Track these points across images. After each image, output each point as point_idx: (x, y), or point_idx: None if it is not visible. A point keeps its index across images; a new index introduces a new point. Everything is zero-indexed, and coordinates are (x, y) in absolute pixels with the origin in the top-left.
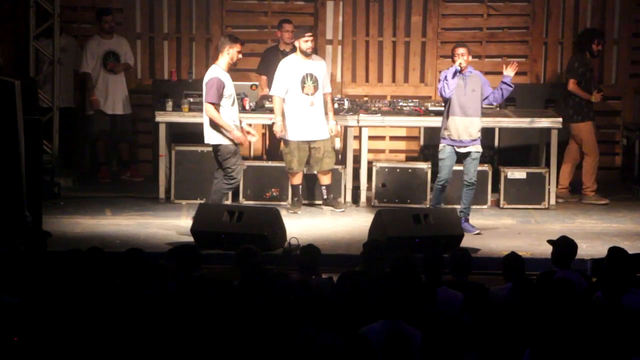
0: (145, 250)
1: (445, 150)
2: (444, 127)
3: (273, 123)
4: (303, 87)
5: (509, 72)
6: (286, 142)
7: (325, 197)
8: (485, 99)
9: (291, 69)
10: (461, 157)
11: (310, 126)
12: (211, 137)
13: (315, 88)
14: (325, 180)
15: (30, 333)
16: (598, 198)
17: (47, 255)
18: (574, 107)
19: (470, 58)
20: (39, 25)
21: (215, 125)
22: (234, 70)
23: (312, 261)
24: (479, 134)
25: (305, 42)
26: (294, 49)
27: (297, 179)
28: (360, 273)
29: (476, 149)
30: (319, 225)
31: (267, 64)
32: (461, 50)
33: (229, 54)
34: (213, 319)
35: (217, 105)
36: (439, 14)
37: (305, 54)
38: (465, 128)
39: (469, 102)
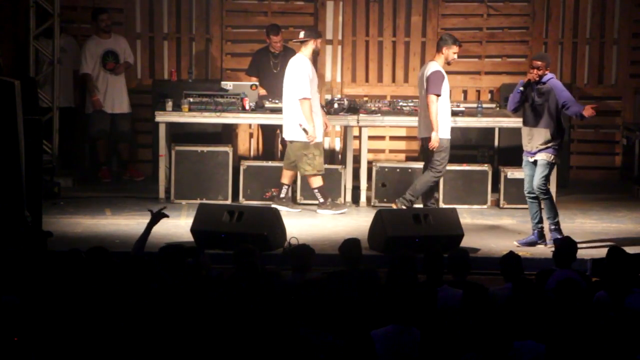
0: (145, 250)
1: (523, 160)
2: None
3: (304, 129)
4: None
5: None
6: (316, 144)
7: (282, 196)
8: (564, 107)
9: (311, 70)
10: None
11: (322, 127)
12: (428, 130)
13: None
14: (289, 179)
15: (31, 332)
16: None
17: (47, 255)
18: None
19: (545, 71)
20: (39, 25)
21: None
22: (232, 70)
23: (306, 261)
24: (546, 145)
25: (320, 44)
26: (285, 48)
27: (321, 180)
28: (346, 273)
29: (542, 156)
30: (319, 225)
31: (258, 66)
32: (537, 63)
33: (444, 53)
34: (211, 318)
35: (438, 98)
36: (439, 14)
37: (316, 55)
38: (530, 138)
39: (535, 113)
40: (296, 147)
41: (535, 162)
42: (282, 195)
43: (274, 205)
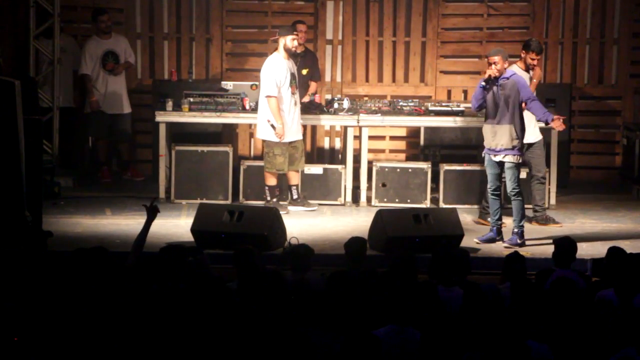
0: (145, 250)
1: (485, 158)
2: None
3: (272, 125)
4: (290, 87)
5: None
6: (277, 144)
7: (295, 197)
8: (526, 104)
9: (279, 69)
10: (501, 166)
11: (295, 126)
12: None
13: (296, 87)
14: (296, 180)
15: (31, 333)
16: None
17: (47, 255)
18: None
19: (505, 65)
20: (39, 25)
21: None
22: (233, 70)
23: (305, 261)
24: (513, 143)
25: (292, 41)
26: (305, 50)
27: (275, 180)
28: (350, 273)
29: (509, 159)
30: (319, 225)
31: None
32: (493, 59)
33: (523, 57)
34: (213, 318)
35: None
36: (439, 13)
37: (290, 52)
38: (494, 136)
39: (499, 109)
40: (264, 145)
41: (499, 162)
42: (295, 196)
43: (290, 207)
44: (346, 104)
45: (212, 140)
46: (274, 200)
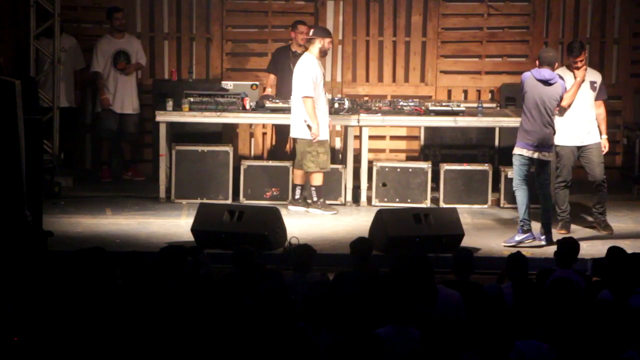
0: (146, 250)
1: None
2: None
3: (308, 126)
4: (323, 88)
5: None
6: (320, 142)
7: (297, 197)
8: None
9: (315, 69)
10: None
11: (327, 125)
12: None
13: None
14: (302, 180)
15: (31, 333)
16: None
17: (47, 255)
18: None
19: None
20: (39, 25)
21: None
22: (233, 69)
23: (307, 261)
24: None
25: (329, 43)
26: (306, 50)
27: (321, 179)
28: (354, 273)
29: None
30: (319, 225)
31: (277, 64)
32: None
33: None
34: (212, 318)
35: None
36: (439, 13)
37: (324, 54)
38: None
39: None
40: (301, 145)
41: None
42: (297, 196)
43: (290, 207)
44: (346, 103)
45: (212, 140)
46: (321, 201)
